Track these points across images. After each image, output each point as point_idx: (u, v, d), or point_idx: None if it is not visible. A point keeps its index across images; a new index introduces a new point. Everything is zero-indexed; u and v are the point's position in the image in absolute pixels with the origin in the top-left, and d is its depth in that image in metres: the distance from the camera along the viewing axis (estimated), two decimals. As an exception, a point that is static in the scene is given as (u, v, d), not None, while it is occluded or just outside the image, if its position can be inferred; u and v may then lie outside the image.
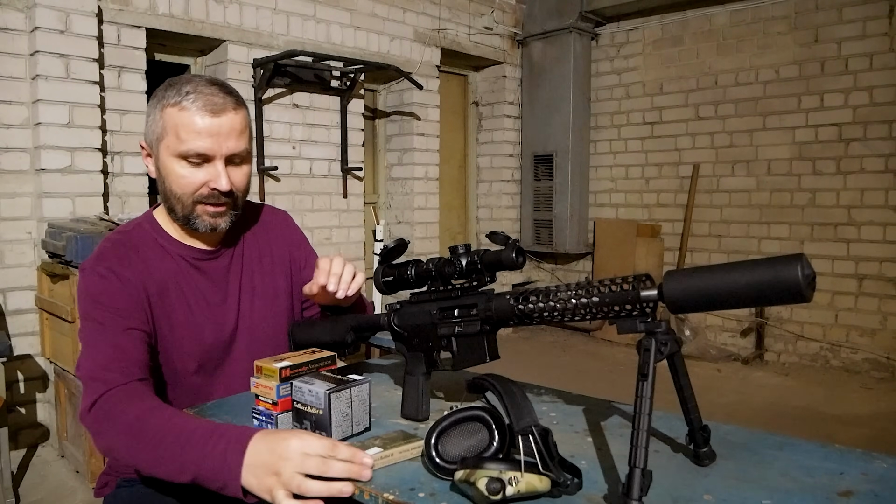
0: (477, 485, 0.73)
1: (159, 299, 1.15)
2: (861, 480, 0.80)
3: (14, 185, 3.01)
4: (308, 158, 4.06)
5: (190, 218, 1.15)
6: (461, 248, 0.97)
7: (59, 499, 2.55)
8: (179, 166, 1.11)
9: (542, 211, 5.41)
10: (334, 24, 4.13)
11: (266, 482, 0.83)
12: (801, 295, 0.66)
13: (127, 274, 1.12)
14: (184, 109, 1.09)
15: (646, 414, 0.71)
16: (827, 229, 4.36)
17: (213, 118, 1.09)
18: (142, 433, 0.94)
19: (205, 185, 1.12)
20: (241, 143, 1.14)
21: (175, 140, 1.10)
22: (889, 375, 4.13)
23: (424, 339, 1.03)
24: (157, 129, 1.12)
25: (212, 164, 1.12)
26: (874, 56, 4.13)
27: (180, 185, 1.12)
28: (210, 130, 1.09)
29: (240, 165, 1.16)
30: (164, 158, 1.12)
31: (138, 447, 0.94)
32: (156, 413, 0.96)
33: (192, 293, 1.19)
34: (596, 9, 5.06)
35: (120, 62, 3.25)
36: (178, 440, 0.91)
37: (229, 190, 1.13)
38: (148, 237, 1.20)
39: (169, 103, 1.10)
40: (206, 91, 1.10)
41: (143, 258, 1.16)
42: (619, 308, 0.77)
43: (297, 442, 0.83)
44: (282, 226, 1.37)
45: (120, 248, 1.16)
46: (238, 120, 1.13)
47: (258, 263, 1.28)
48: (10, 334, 2.93)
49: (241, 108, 1.15)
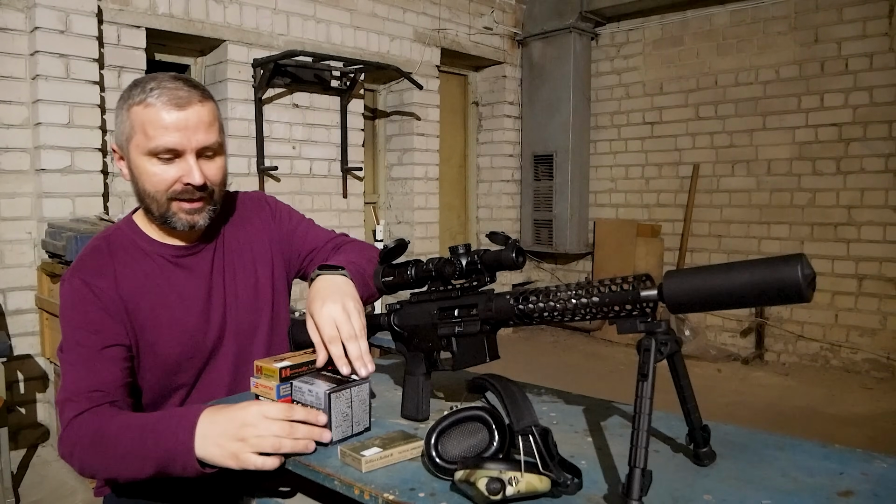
0: (477, 485, 0.73)
1: (139, 304, 1.14)
2: (861, 480, 0.80)
3: (14, 185, 3.01)
4: (308, 158, 4.06)
5: (166, 216, 1.13)
6: (461, 248, 0.97)
7: (59, 499, 2.55)
8: (150, 164, 1.10)
9: (542, 211, 5.41)
10: (334, 24, 4.13)
11: (229, 448, 0.89)
12: (801, 295, 0.65)
13: (102, 284, 1.11)
14: (149, 106, 1.07)
15: (646, 414, 0.71)
16: (827, 229, 4.36)
17: (179, 112, 1.07)
18: (103, 442, 0.99)
19: (177, 180, 1.10)
20: (211, 136, 1.12)
21: (143, 138, 1.08)
22: (889, 375, 4.13)
23: (424, 339, 1.03)
24: (126, 130, 1.11)
25: (183, 159, 1.10)
26: (874, 56, 4.13)
27: (153, 182, 1.11)
28: (177, 124, 1.07)
29: (212, 158, 1.14)
30: (135, 158, 1.11)
31: (104, 456, 1.00)
32: (114, 420, 1.01)
33: (174, 292, 1.18)
34: (596, 9, 5.06)
35: (120, 62, 3.26)
36: (134, 436, 0.97)
37: (203, 183, 1.11)
38: (126, 239, 1.19)
39: (134, 102, 1.09)
40: (169, 86, 1.09)
41: (121, 263, 1.15)
42: (619, 308, 0.77)
43: (257, 408, 0.90)
44: (256, 209, 1.34)
45: (97, 256, 1.15)
46: (205, 112, 1.11)
47: (238, 255, 1.27)
48: (10, 334, 2.93)
49: (208, 100, 1.13)
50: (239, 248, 1.27)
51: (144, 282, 1.16)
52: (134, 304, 1.14)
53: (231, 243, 1.27)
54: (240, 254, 1.27)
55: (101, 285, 1.11)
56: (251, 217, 1.32)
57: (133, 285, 1.14)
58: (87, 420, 1.02)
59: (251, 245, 1.29)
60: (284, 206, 1.39)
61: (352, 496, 0.82)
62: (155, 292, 1.16)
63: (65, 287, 1.13)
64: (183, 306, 1.18)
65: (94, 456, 1.01)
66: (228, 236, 1.27)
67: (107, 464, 1.00)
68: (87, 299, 1.10)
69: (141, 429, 0.97)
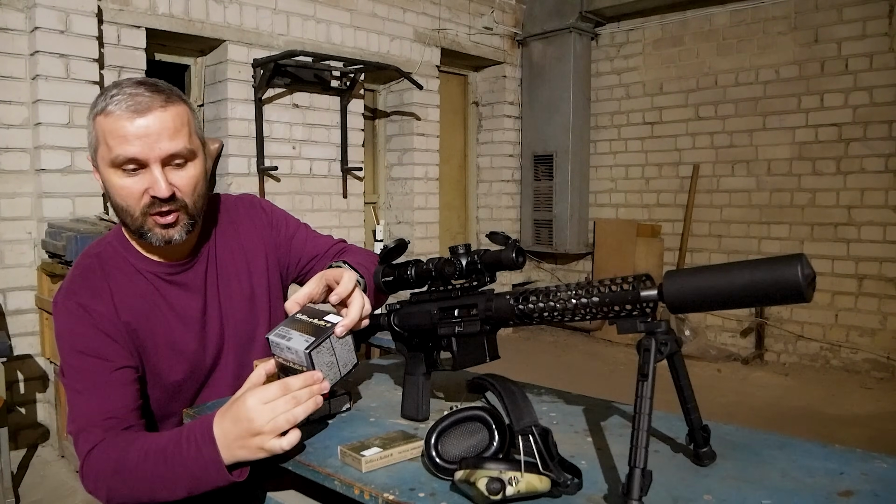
0: (477, 485, 0.73)
1: (138, 324, 1.10)
2: (861, 480, 0.80)
3: (14, 185, 3.01)
4: (308, 158, 4.06)
5: (142, 231, 1.06)
6: (461, 248, 0.97)
7: (59, 499, 2.55)
8: (117, 177, 1.02)
9: (542, 211, 5.41)
10: (334, 24, 4.13)
11: (253, 444, 0.89)
12: (801, 295, 0.66)
13: (99, 308, 1.06)
14: (109, 115, 1.00)
15: (646, 414, 0.71)
16: (827, 229, 4.36)
17: (139, 118, 0.99)
18: (126, 471, 0.96)
19: (145, 192, 1.02)
20: (178, 142, 1.02)
21: (106, 149, 1.01)
22: (889, 375, 4.13)
23: (424, 339, 1.03)
24: (92, 141, 1.04)
25: (147, 170, 1.02)
26: (874, 56, 4.13)
27: (122, 196, 1.03)
28: (137, 133, 0.99)
29: (182, 167, 1.05)
30: (103, 171, 1.04)
31: (132, 486, 0.96)
32: (132, 448, 0.97)
33: (171, 312, 1.14)
34: (596, 9, 5.06)
35: (120, 62, 3.26)
36: (158, 462, 0.94)
37: (171, 195, 1.03)
38: (118, 257, 1.13)
39: (98, 111, 1.01)
40: (130, 91, 1.01)
41: (115, 284, 1.10)
42: (619, 308, 0.77)
43: (252, 399, 0.89)
44: (248, 214, 1.27)
45: (90, 277, 1.10)
46: (168, 117, 1.01)
47: (232, 265, 1.21)
48: (10, 334, 2.93)
49: (172, 104, 1.03)
50: (232, 258, 1.22)
51: (141, 304, 1.11)
52: (133, 326, 1.09)
53: (223, 253, 1.21)
54: (233, 263, 1.22)
55: (99, 308, 1.06)
56: (243, 222, 1.26)
57: (130, 307, 1.09)
58: (105, 451, 0.98)
59: (244, 253, 1.24)
60: (280, 211, 1.33)
61: (352, 496, 0.82)
62: (152, 314, 1.12)
63: (59, 310, 1.08)
64: (181, 326, 1.14)
65: (122, 486, 0.97)
66: (220, 245, 1.21)
67: (136, 493, 0.97)
68: (86, 323, 1.05)
69: (163, 453, 0.94)
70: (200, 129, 1.12)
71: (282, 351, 0.95)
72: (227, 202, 1.27)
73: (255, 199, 1.33)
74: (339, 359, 0.96)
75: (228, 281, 1.21)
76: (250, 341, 1.22)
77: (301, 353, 0.92)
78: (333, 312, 1.00)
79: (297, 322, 0.98)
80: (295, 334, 0.95)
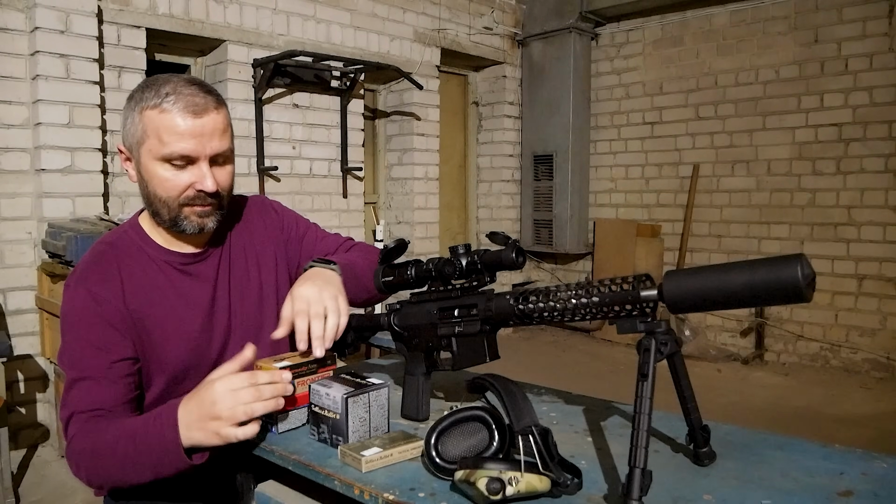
0: (477, 485, 0.73)
1: (146, 311, 1.13)
2: (861, 480, 0.80)
3: (14, 185, 3.01)
4: (308, 158, 4.06)
5: (177, 220, 1.12)
6: (461, 248, 0.97)
7: (59, 499, 2.55)
8: (163, 169, 1.08)
9: (542, 211, 5.41)
10: (334, 24, 4.13)
11: (210, 428, 0.92)
12: (801, 295, 0.66)
13: (107, 295, 1.09)
14: (164, 112, 1.06)
15: (646, 414, 0.71)
16: (827, 229, 4.36)
17: (195, 119, 1.06)
18: (101, 454, 1.00)
19: (190, 186, 1.10)
20: (225, 143, 1.12)
21: (157, 143, 1.07)
22: (889, 375, 4.13)
23: (424, 339, 1.03)
24: (137, 133, 1.09)
25: (196, 166, 1.09)
26: (874, 56, 4.13)
27: (165, 188, 1.09)
28: (193, 132, 1.06)
29: (223, 165, 1.14)
30: (146, 162, 1.09)
31: (105, 467, 1.00)
32: (109, 430, 1.01)
33: (180, 300, 1.17)
34: (596, 9, 5.06)
35: (120, 62, 3.26)
36: (127, 445, 0.98)
37: (216, 191, 1.11)
38: (133, 246, 1.17)
39: (148, 105, 1.07)
40: (186, 91, 1.07)
41: (127, 271, 1.13)
42: (619, 308, 0.77)
43: (220, 383, 0.93)
44: (260, 214, 1.32)
45: (102, 263, 1.14)
46: (220, 119, 1.11)
47: (243, 260, 1.26)
48: (10, 334, 2.93)
49: (223, 106, 1.13)
50: (244, 254, 1.26)
51: (151, 291, 1.14)
52: (140, 314, 1.12)
53: (236, 249, 1.26)
54: (244, 260, 1.26)
55: (107, 296, 1.10)
56: (255, 222, 1.31)
57: (140, 295, 1.13)
58: (87, 436, 1.03)
59: (255, 250, 1.28)
60: (290, 212, 1.38)
61: (352, 496, 0.82)
62: (162, 301, 1.15)
63: (68, 295, 1.11)
64: (189, 314, 1.17)
65: (97, 468, 1.02)
66: (234, 242, 1.26)
67: (109, 474, 1.01)
68: (93, 312, 1.08)
69: (132, 436, 0.98)
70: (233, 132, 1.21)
71: (319, 398, 0.97)
72: (239, 201, 1.32)
73: (266, 199, 1.38)
74: (373, 419, 0.97)
75: (239, 275, 1.24)
76: (257, 335, 1.23)
77: (338, 399, 0.94)
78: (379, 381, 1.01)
79: (342, 379, 1.01)
80: (337, 385, 0.97)
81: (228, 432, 0.91)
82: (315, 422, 0.98)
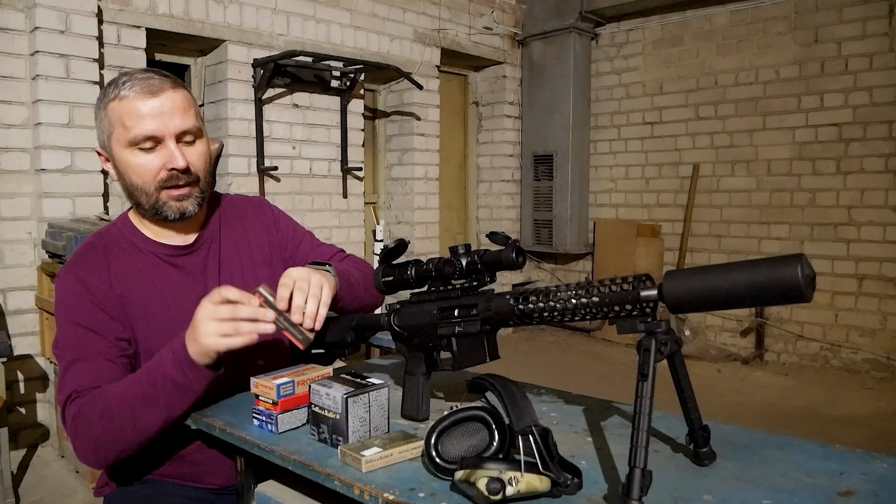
0: (477, 485, 0.73)
1: (133, 300, 1.15)
2: (861, 480, 0.80)
3: (14, 185, 3.01)
4: (308, 158, 4.06)
5: (157, 207, 1.14)
6: (461, 248, 0.97)
7: (59, 499, 2.55)
8: (133, 156, 1.11)
9: (542, 211, 5.41)
10: (334, 24, 4.13)
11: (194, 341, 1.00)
12: (801, 295, 0.66)
13: (95, 281, 1.13)
14: (124, 99, 1.09)
15: (646, 414, 0.71)
16: (827, 229, 4.36)
17: (153, 98, 1.09)
18: (113, 408, 1.03)
19: (162, 168, 1.12)
20: (188, 120, 1.13)
21: (122, 130, 1.10)
22: (889, 375, 4.13)
23: (424, 339, 1.03)
24: (106, 127, 1.13)
25: (163, 146, 1.11)
26: (874, 56, 4.12)
27: (139, 174, 1.12)
28: (153, 112, 1.09)
29: (192, 144, 1.15)
30: (118, 153, 1.13)
31: (119, 420, 1.02)
32: (116, 387, 1.05)
33: (168, 291, 1.18)
34: (596, 9, 5.06)
35: (120, 62, 3.25)
36: (139, 383, 1.03)
37: (186, 167, 1.12)
38: (121, 237, 1.20)
39: (110, 99, 1.11)
40: (140, 76, 1.11)
41: (115, 259, 1.17)
42: (619, 308, 0.77)
43: (206, 308, 1.00)
44: (256, 212, 1.35)
45: (91, 253, 1.17)
46: (178, 98, 1.12)
47: (236, 256, 1.27)
48: (10, 334, 2.93)
49: (180, 87, 1.14)
50: (237, 250, 1.27)
51: (138, 278, 1.17)
52: (128, 301, 1.15)
53: (228, 245, 1.27)
54: (238, 255, 1.27)
55: (95, 282, 1.13)
56: (250, 219, 1.32)
57: (127, 282, 1.15)
58: (93, 400, 1.04)
59: (251, 247, 1.29)
60: (288, 217, 1.40)
61: (352, 496, 0.82)
62: (149, 289, 1.17)
63: (58, 284, 1.15)
64: (177, 304, 1.18)
65: (108, 428, 1.03)
66: (225, 238, 1.27)
67: (122, 430, 1.03)
68: (83, 296, 1.12)
69: (144, 372, 1.05)
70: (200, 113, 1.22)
71: (320, 398, 0.97)
72: (236, 200, 1.35)
73: (264, 201, 1.41)
74: (372, 419, 0.96)
75: (230, 271, 1.25)
76: None
77: (338, 399, 0.93)
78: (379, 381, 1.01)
79: (342, 379, 1.00)
80: (337, 385, 0.97)
81: (209, 342, 0.99)
82: (315, 422, 0.98)
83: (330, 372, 1.07)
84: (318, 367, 1.09)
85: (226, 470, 1.16)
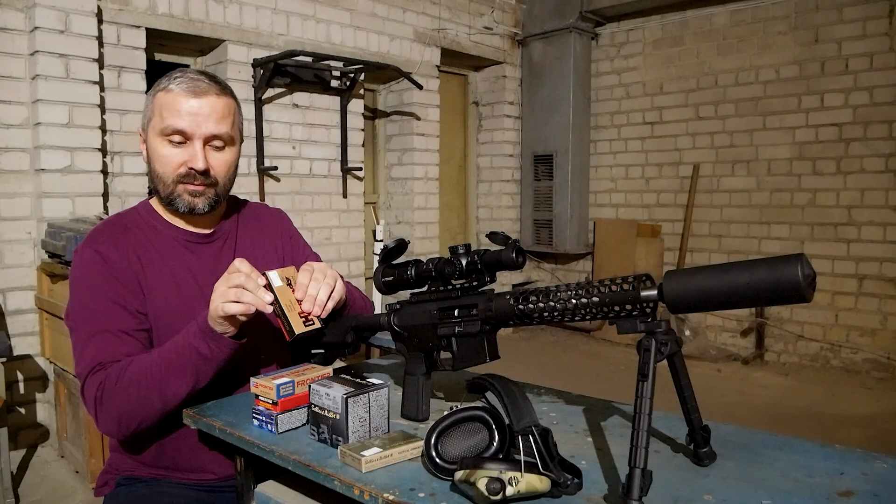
0: (477, 485, 0.73)
1: (151, 278, 1.19)
2: (861, 480, 0.80)
3: (14, 185, 3.01)
4: (308, 158, 4.06)
5: (171, 197, 1.19)
6: (461, 248, 0.97)
7: (58, 499, 2.55)
8: (162, 146, 1.16)
9: (542, 211, 5.41)
10: (334, 24, 4.12)
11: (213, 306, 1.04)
12: (801, 295, 0.66)
13: (114, 256, 1.16)
14: (169, 91, 1.15)
15: (646, 414, 0.71)
16: (827, 229, 4.36)
17: (194, 98, 1.15)
18: (138, 380, 1.06)
19: (183, 164, 1.17)
20: (222, 127, 1.17)
21: (159, 119, 1.16)
22: (889, 375, 4.13)
23: (424, 339, 1.03)
24: (148, 113, 1.19)
25: (190, 144, 1.16)
26: (874, 56, 4.12)
27: (162, 163, 1.17)
28: (190, 110, 1.14)
29: (221, 150, 1.20)
30: (151, 139, 1.18)
31: (141, 391, 1.06)
32: (137, 360, 1.09)
33: (182, 273, 1.22)
34: (596, 9, 5.06)
35: (120, 62, 3.25)
36: (168, 351, 1.08)
37: (205, 169, 1.17)
38: (141, 220, 1.25)
39: (159, 89, 1.17)
40: (192, 76, 1.17)
41: (134, 238, 1.21)
42: (619, 308, 0.77)
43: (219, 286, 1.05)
44: (275, 219, 1.41)
45: (110, 229, 1.21)
46: (220, 104, 1.17)
47: (250, 251, 1.31)
48: (10, 334, 2.93)
49: (226, 95, 1.19)
50: (252, 246, 1.32)
51: (155, 258, 1.20)
52: (144, 277, 1.18)
53: (243, 243, 1.32)
54: (252, 250, 1.31)
55: (114, 257, 1.16)
56: (268, 223, 1.39)
57: (144, 259, 1.19)
58: (121, 369, 1.07)
59: (265, 247, 1.34)
60: (300, 234, 1.46)
61: (352, 496, 0.82)
62: (164, 269, 1.20)
63: (77, 258, 1.18)
64: (189, 287, 1.21)
65: (136, 396, 1.06)
66: (242, 234, 1.32)
67: (148, 395, 1.06)
68: (101, 270, 1.15)
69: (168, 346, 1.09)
70: (242, 125, 1.28)
71: (319, 398, 0.97)
72: (256, 206, 1.42)
73: (283, 212, 1.48)
74: (372, 420, 0.96)
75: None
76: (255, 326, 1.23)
77: (338, 399, 0.93)
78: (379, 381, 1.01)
79: (342, 380, 1.00)
80: (337, 385, 0.97)
81: (217, 307, 1.03)
82: (315, 422, 0.98)
83: (330, 372, 1.07)
84: (318, 367, 1.10)
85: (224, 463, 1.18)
